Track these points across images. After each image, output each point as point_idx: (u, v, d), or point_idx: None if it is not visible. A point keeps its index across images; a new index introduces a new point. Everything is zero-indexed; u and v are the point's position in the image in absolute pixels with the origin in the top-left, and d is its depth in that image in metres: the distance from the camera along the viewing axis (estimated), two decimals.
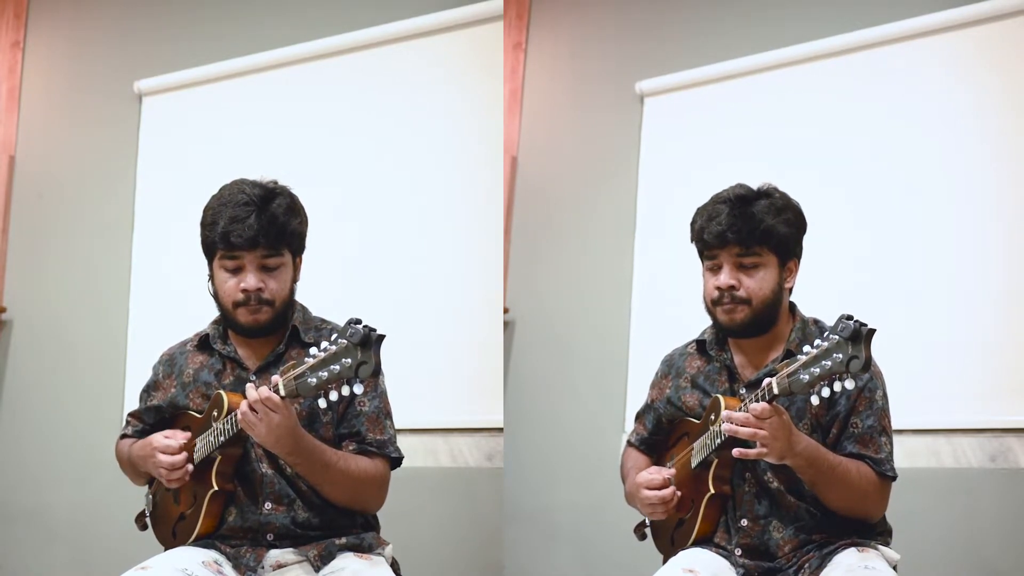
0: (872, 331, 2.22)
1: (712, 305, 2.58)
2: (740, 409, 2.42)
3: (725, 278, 2.53)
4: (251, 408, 2.41)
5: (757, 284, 2.53)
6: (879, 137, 3.70)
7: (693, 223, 2.60)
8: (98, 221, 4.38)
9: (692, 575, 2.47)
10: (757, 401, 2.38)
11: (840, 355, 2.23)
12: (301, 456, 2.49)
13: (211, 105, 4.22)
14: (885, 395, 2.55)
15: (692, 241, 2.62)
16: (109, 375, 4.24)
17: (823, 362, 2.25)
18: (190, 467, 2.55)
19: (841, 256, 3.68)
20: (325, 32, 4.03)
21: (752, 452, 2.40)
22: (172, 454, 2.55)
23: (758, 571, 2.54)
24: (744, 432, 2.38)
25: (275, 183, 2.63)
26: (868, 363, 2.22)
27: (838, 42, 3.78)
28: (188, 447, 2.57)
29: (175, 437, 2.58)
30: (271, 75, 4.13)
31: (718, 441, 2.50)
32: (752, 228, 2.52)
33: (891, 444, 2.54)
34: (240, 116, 4.16)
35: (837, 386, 2.26)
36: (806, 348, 2.30)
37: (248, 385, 2.44)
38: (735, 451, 2.42)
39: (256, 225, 2.53)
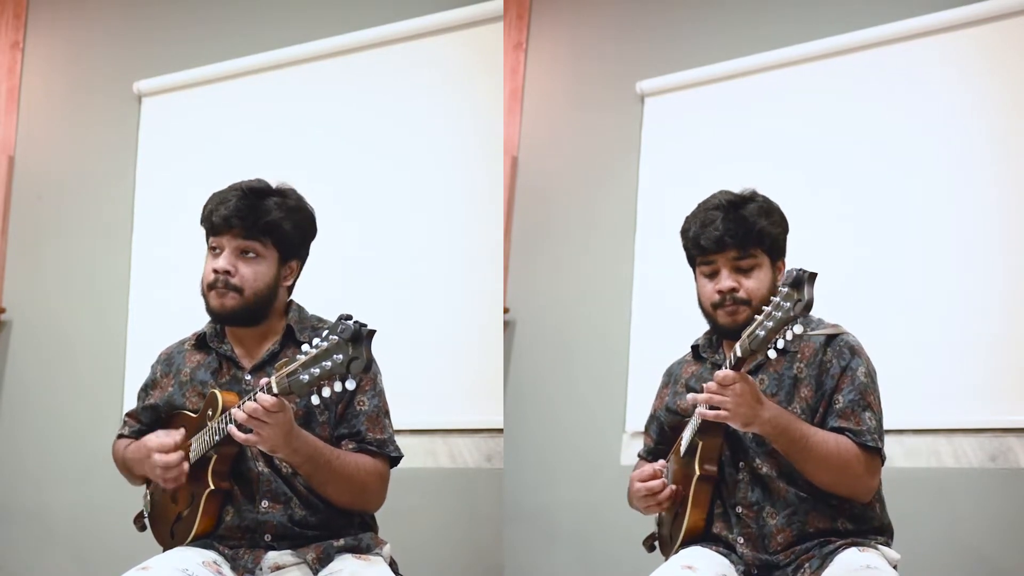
0: (814, 275, 2.28)
1: (712, 309, 2.63)
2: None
3: (727, 282, 2.60)
4: (243, 425, 2.40)
5: (756, 284, 2.60)
6: (879, 136, 3.70)
7: (685, 231, 2.67)
8: (98, 221, 4.38)
9: (691, 571, 2.49)
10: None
11: (788, 303, 2.29)
12: (302, 455, 2.49)
13: (211, 105, 4.22)
14: (868, 373, 2.59)
15: (685, 248, 2.68)
16: (109, 375, 4.24)
17: (775, 314, 2.31)
18: (186, 466, 2.55)
19: (841, 255, 3.68)
20: (325, 32, 4.03)
21: (711, 413, 2.45)
22: (167, 452, 2.55)
23: (756, 563, 2.56)
24: (702, 398, 2.46)
25: (288, 186, 2.66)
26: (810, 303, 2.28)
27: (838, 42, 3.78)
28: (183, 446, 2.56)
29: (171, 435, 2.58)
30: (271, 75, 4.12)
31: (697, 423, 2.56)
32: (747, 231, 2.59)
33: (876, 419, 2.57)
34: (240, 116, 4.16)
35: (789, 334, 2.30)
36: (766, 310, 2.36)
37: (233, 409, 2.43)
38: (697, 411, 2.49)
39: (233, 207, 2.57)
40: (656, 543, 2.81)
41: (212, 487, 2.55)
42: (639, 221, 4.23)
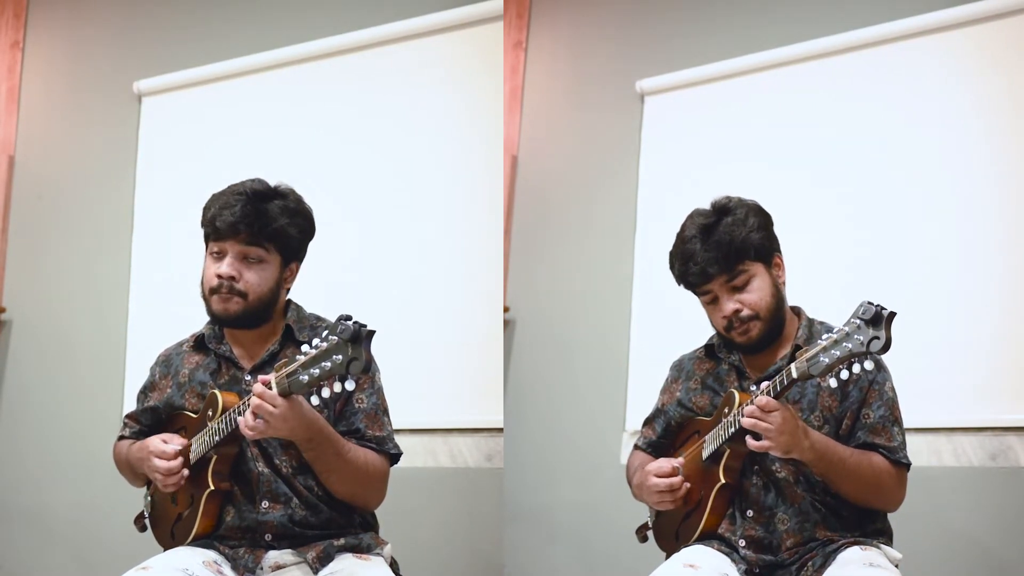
0: (893, 314, 2.27)
1: (726, 332, 2.62)
2: (751, 401, 2.46)
3: (728, 305, 2.58)
4: (254, 415, 2.40)
5: (757, 296, 2.59)
6: (879, 136, 3.70)
7: (672, 268, 2.65)
8: (98, 221, 4.38)
9: (693, 570, 2.48)
10: (777, 387, 2.42)
11: (862, 337, 2.27)
12: (317, 442, 2.49)
13: (211, 105, 4.22)
14: (893, 388, 2.60)
15: (678, 284, 2.65)
16: (109, 375, 4.24)
17: (844, 344, 2.30)
18: (185, 472, 2.55)
19: (841, 255, 3.68)
20: (325, 32, 4.03)
21: (754, 444, 2.45)
22: (168, 459, 2.55)
23: (760, 564, 2.56)
24: (747, 423, 2.43)
25: (286, 186, 2.65)
26: (889, 343, 2.26)
27: (838, 41, 3.78)
28: (184, 452, 2.56)
29: (172, 441, 2.58)
30: (271, 75, 4.12)
31: (731, 431, 2.53)
32: (727, 253, 2.56)
33: (903, 434, 2.59)
34: (239, 116, 4.16)
35: (856, 368, 2.31)
36: (826, 335, 2.35)
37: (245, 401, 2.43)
38: (747, 439, 2.46)
39: (239, 213, 2.55)
40: (648, 533, 2.79)
41: (212, 487, 2.55)
42: (639, 220, 4.23)
